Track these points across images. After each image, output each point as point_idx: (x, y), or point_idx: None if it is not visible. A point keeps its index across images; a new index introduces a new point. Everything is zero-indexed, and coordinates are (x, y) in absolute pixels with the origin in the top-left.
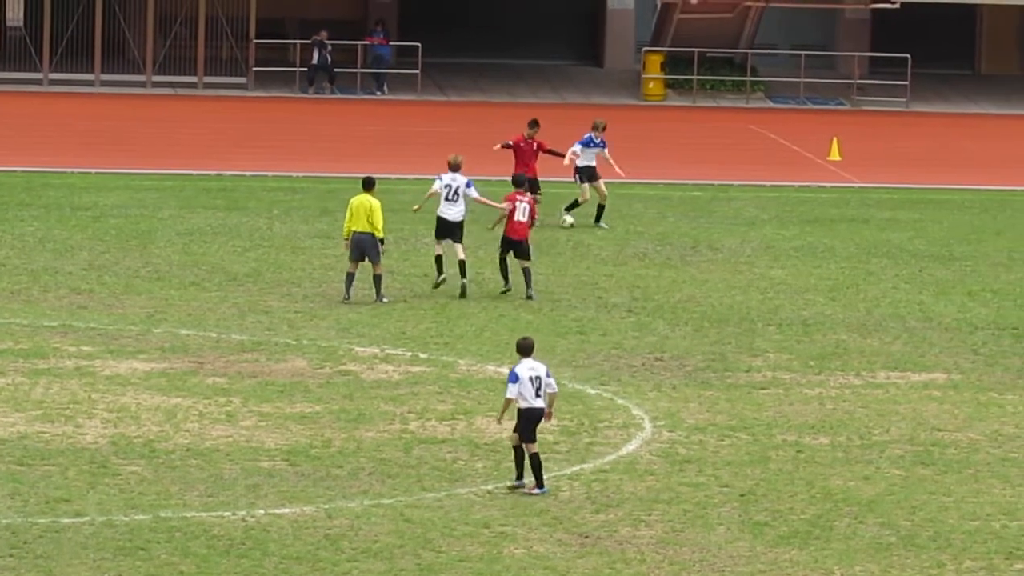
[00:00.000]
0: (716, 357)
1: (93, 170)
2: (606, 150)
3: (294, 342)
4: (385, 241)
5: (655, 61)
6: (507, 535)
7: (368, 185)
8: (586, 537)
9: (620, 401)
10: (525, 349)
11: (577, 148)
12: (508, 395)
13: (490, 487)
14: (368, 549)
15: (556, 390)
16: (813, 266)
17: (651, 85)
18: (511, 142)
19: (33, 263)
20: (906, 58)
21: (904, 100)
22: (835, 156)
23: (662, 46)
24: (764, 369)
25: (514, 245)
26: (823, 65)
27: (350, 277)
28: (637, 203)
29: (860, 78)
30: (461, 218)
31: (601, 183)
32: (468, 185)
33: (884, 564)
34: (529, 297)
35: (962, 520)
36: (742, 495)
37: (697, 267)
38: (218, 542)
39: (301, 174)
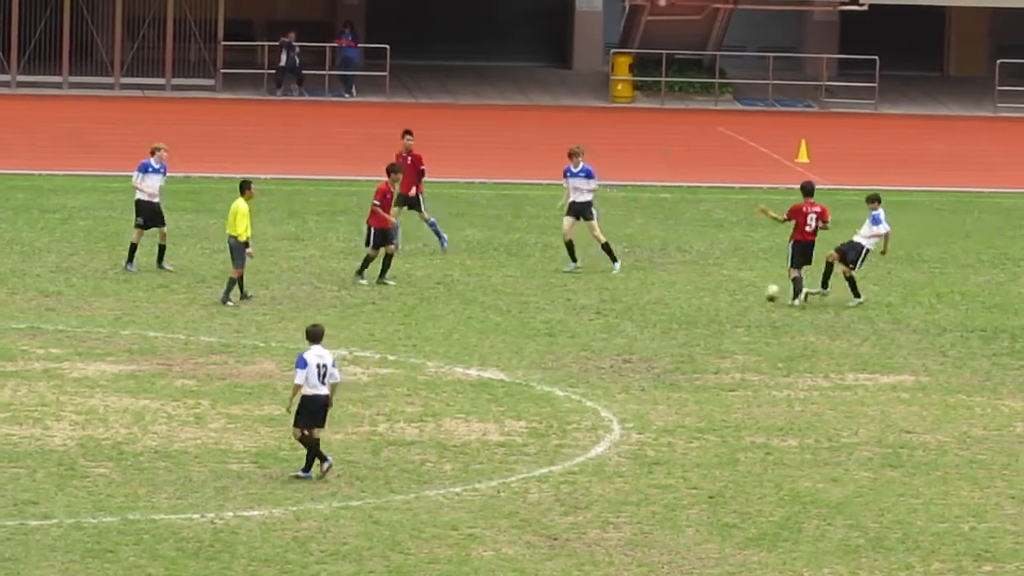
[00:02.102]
0: (685, 359)
1: (61, 172)
2: (592, 181)
3: (263, 344)
4: (249, 244)
5: (623, 63)
6: (476, 537)
7: (241, 189)
8: (555, 539)
9: (588, 403)
10: (314, 336)
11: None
12: (296, 381)
13: (459, 489)
14: (337, 551)
15: (339, 380)
16: (782, 268)
17: (619, 87)
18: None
19: (1, 265)
20: (874, 60)
21: (872, 102)
22: (803, 158)
23: (630, 48)
24: (733, 371)
25: None
26: (791, 67)
27: (230, 281)
28: (605, 205)
29: (828, 80)
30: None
31: (594, 223)
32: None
33: (853, 566)
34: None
35: (931, 522)
36: (711, 497)
37: (666, 269)
38: (187, 544)
39: (269, 176)
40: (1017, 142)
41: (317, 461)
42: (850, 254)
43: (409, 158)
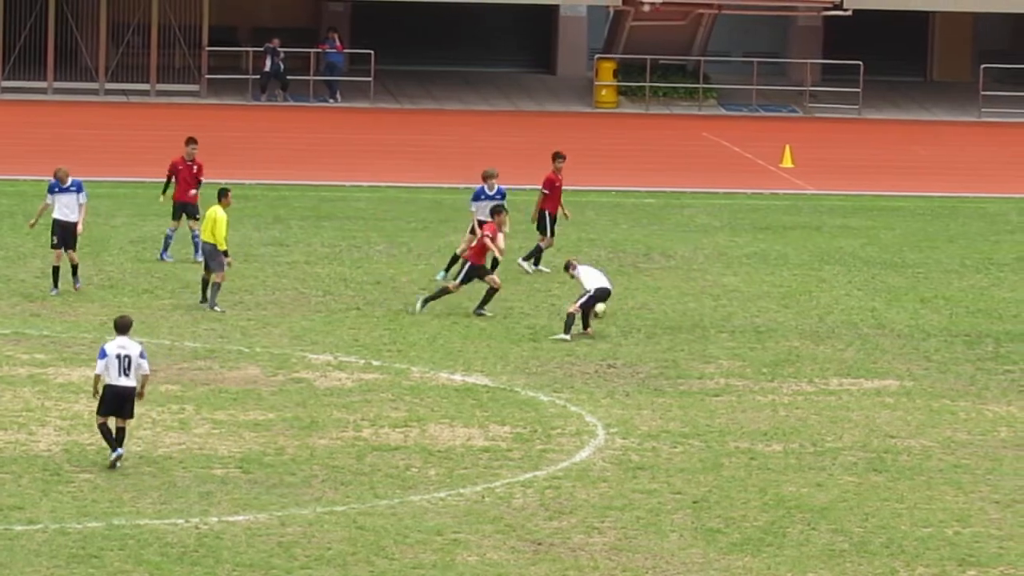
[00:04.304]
0: (669, 364)
1: (46, 178)
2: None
3: (247, 349)
4: (227, 253)
5: (608, 68)
6: (460, 542)
7: (219, 196)
8: (539, 544)
9: (573, 408)
10: (120, 327)
11: (471, 207)
12: (96, 371)
13: (443, 494)
14: (321, 556)
15: (148, 372)
16: (766, 273)
17: (604, 92)
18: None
19: None
20: (858, 65)
21: (856, 107)
22: (788, 163)
23: (615, 53)
24: (717, 376)
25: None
26: (775, 72)
27: (203, 282)
28: (590, 211)
29: (812, 85)
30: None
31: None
32: None
33: (837, 571)
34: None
35: (915, 527)
36: (695, 502)
37: (650, 274)
38: (171, 549)
39: (253, 182)
40: (1001, 147)
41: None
42: None
43: (194, 166)
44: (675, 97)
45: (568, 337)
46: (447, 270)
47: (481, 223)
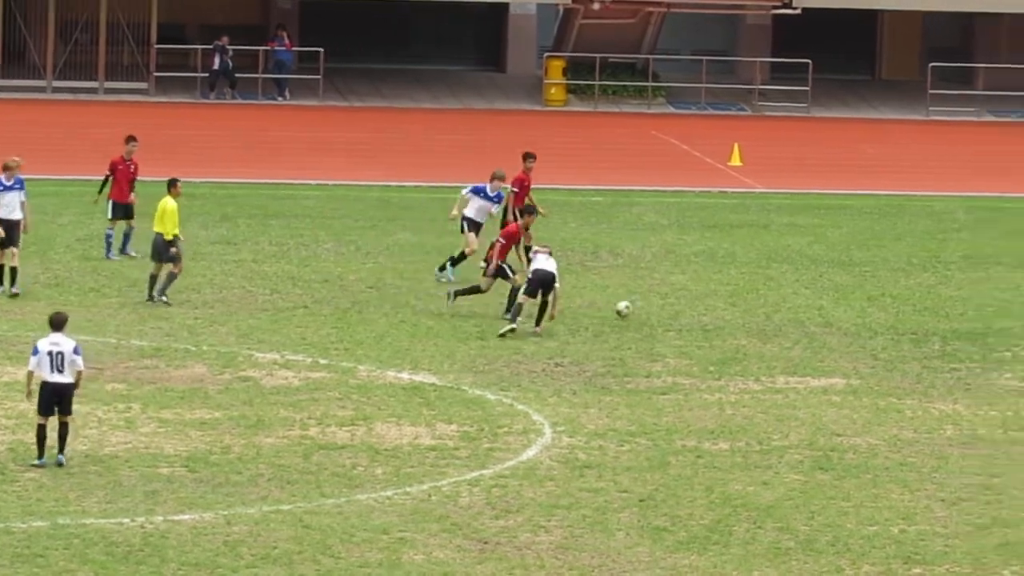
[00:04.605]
0: (616, 362)
1: None
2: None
3: (194, 348)
4: (176, 242)
5: (557, 67)
6: (406, 541)
7: (168, 186)
8: (485, 543)
9: (520, 407)
10: (54, 324)
11: (466, 193)
12: (29, 367)
13: (390, 493)
14: (267, 555)
15: (83, 368)
16: (713, 272)
17: (553, 91)
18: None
19: None
20: (807, 63)
21: (805, 105)
22: (736, 161)
23: (564, 51)
24: (664, 374)
25: None
26: (724, 71)
27: (151, 278)
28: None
29: (761, 84)
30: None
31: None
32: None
33: (783, 569)
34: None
35: (860, 525)
36: (641, 500)
37: (598, 273)
38: (116, 549)
39: (201, 180)
40: (949, 145)
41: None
42: None
43: (131, 165)
44: (624, 95)
45: (514, 326)
46: (442, 269)
47: (469, 219)
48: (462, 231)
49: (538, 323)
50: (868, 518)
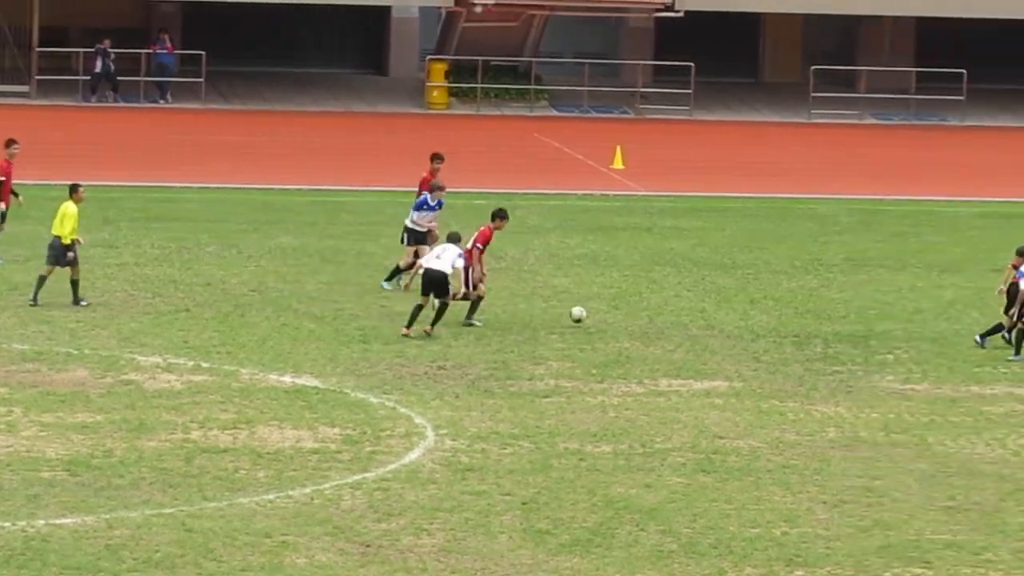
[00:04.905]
0: (499, 365)
1: None
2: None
3: (75, 351)
4: (73, 247)
5: (439, 69)
6: (289, 544)
7: (70, 191)
8: (368, 546)
9: (403, 410)
10: None
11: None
12: None
13: (272, 496)
14: (149, 559)
15: None
16: (596, 274)
17: (435, 93)
18: None
19: None
20: (689, 66)
21: (687, 108)
22: (619, 164)
23: (446, 54)
24: (547, 377)
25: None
26: (607, 73)
27: (40, 279)
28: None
29: (643, 86)
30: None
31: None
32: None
33: (665, 571)
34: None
35: (743, 527)
36: (524, 503)
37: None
38: None
39: (83, 183)
40: (831, 148)
41: None
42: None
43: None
44: (506, 98)
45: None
46: (388, 280)
47: (414, 231)
48: (402, 242)
49: (432, 324)
50: (750, 520)
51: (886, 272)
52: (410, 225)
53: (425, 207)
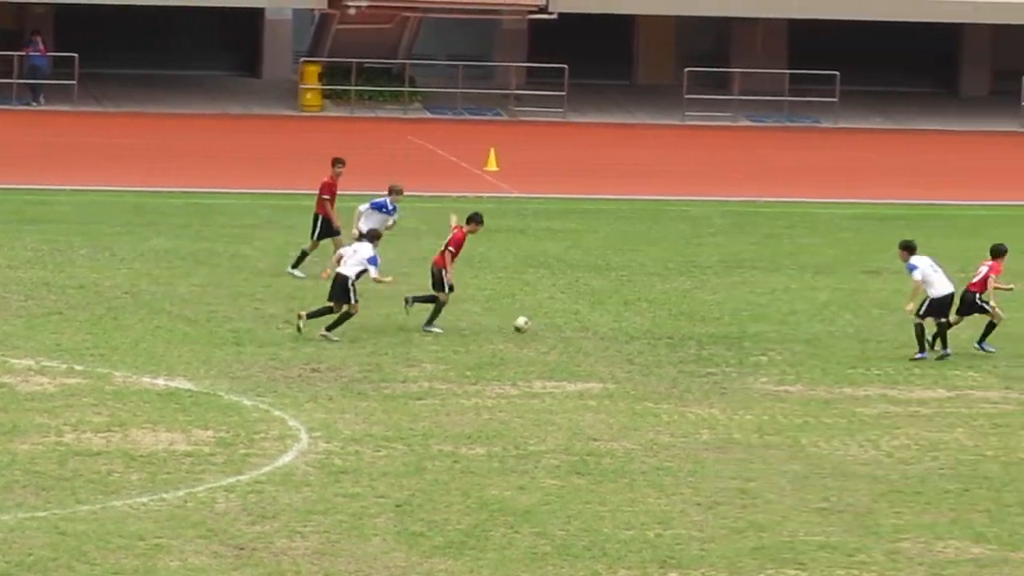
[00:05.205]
0: (372, 367)
1: None
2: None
3: None
4: None
5: (312, 72)
6: (162, 547)
7: None
8: (241, 549)
9: (276, 412)
10: None
11: (364, 208)
12: None
13: (145, 499)
14: (22, 563)
15: None
16: (470, 276)
17: (308, 96)
18: None
19: None
20: (563, 69)
21: (561, 110)
22: (492, 166)
23: (320, 56)
24: (420, 379)
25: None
26: (481, 75)
27: None
28: (295, 214)
29: (517, 89)
30: None
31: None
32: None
33: (539, 574)
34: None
35: (617, 529)
36: (398, 505)
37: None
38: None
39: None
40: (704, 150)
41: None
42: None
43: None
44: (380, 100)
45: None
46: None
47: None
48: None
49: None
50: (625, 522)
51: (760, 274)
52: (363, 228)
53: (384, 209)
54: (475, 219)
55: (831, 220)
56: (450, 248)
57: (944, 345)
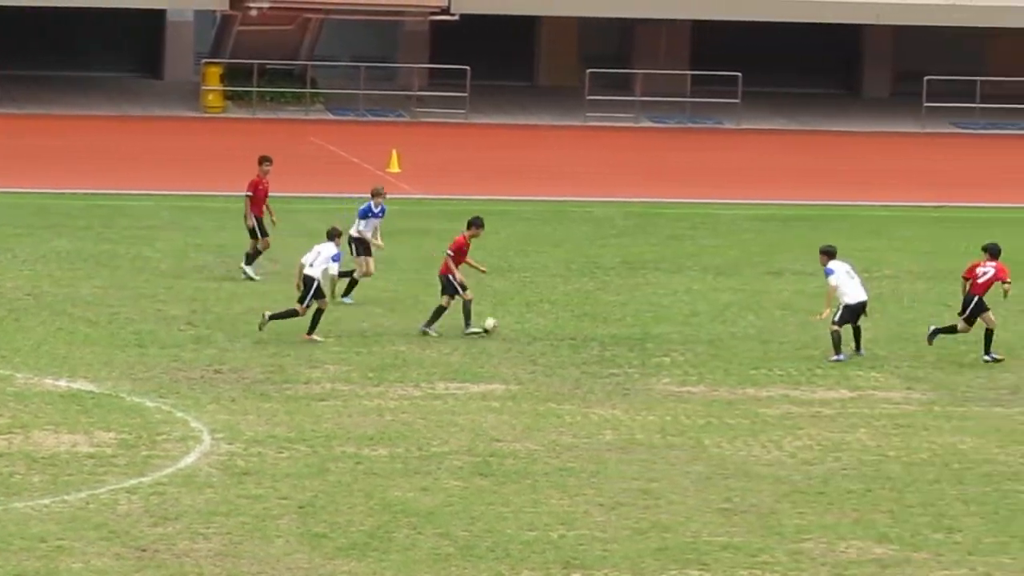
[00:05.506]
0: (275, 369)
1: None
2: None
3: None
4: None
5: (214, 73)
6: (64, 549)
7: None
8: (143, 551)
9: (179, 414)
10: None
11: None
12: None
13: (47, 501)
14: None
15: None
16: (373, 278)
17: (210, 97)
18: None
19: None
20: (465, 70)
21: (463, 112)
22: (394, 168)
23: (222, 58)
24: (323, 380)
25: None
26: (383, 77)
27: None
28: (196, 216)
29: (419, 90)
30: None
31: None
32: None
33: (443, 575)
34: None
35: (520, 530)
36: (301, 507)
37: (257, 279)
38: None
39: None
40: (607, 151)
41: None
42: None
43: None
44: (282, 102)
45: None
46: (345, 295)
47: (359, 240)
48: (352, 254)
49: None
50: (528, 523)
51: (662, 275)
52: (355, 235)
53: (370, 215)
54: (475, 223)
55: (733, 221)
56: (449, 252)
57: (858, 347)
